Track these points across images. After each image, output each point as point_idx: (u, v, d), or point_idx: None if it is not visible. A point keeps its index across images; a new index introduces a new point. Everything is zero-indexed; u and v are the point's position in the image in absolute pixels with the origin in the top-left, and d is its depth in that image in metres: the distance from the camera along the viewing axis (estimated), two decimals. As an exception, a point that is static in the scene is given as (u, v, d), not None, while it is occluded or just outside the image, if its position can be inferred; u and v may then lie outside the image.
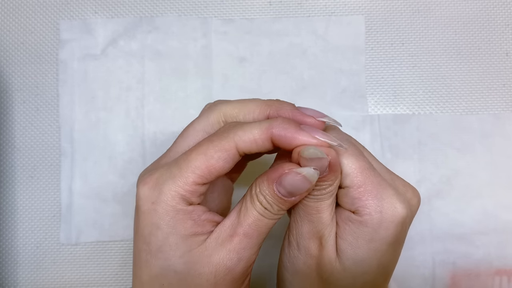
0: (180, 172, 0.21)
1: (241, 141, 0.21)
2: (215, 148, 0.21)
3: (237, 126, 0.22)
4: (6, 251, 0.36)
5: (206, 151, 0.21)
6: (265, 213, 0.22)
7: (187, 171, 0.21)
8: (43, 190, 0.36)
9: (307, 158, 0.20)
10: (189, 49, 0.37)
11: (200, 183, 0.21)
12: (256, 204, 0.22)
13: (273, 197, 0.21)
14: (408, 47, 0.37)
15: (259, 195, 0.21)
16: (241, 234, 0.21)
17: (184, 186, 0.21)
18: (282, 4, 0.37)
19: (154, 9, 0.37)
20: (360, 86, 0.37)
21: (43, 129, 0.37)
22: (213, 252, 0.21)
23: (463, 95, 0.37)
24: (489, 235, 0.35)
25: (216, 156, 0.21)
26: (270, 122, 0.21)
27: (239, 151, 0.21)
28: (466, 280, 0.35)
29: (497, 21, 0.37)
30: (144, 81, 0.37)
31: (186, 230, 0.21)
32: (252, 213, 0.22)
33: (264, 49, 0.37)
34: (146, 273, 0.22)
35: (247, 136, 0.21)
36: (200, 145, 0.22)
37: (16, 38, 0.37)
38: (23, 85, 0.37)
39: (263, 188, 0.21)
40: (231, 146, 0.21)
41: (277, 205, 0.21)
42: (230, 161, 0.22)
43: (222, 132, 0.22)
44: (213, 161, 0.21)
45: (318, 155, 0.20)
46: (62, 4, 0.37)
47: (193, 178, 0.21)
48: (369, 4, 0.38)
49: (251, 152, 0.22)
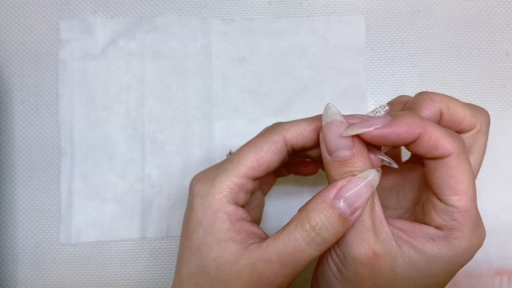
0: (231, 165, 0.22)
1: (289, 133, 0.22)
2: (264, 141, 0.22)
3: (285, 122, 0.23)
4: (6, 251, 0.36)
5: (256, 143, 0.22)
6: (313, 240, 0.20)
7: (238, 163, 0.22)
8: (43, 190, 0.36)
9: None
10: (189, 49, 0.37)
11: (250, 176, 0.22)
12: (305, 229, 0.20)
13: (332, 217, 0.20)
14: (408, 47, 0.37)
15: (312, 217, 0.20)
16: (276, 261, 0.20)
17: (234, 178, 0.22)
18: (282, 4, 0.37)
19: (154, 9, 0.37)
20: (360, 86, 0.37)
21: (43, 129, 0.37)
22: (244, 270, 0.21)
23: (463, 95, 0.37)
24: (489, 235, 0.35)
25: (266, 148, 0.22)
26: (315, 117, 0.22)
27: (286, 144, 0.22)
28: (466, 280, 0.35)
29: (497, 21, 0.37)
30: (144, 81, 0.37)
31: (222, 232, 0.21)
32: (296, 240, 0.20)
33: (264, 49, 0.37)
34: (185, 270, 0.22)
35: (294, 128, 0.22)
36: (251, 140, 0.23)
37: (16, 38, 0.37)
38: (23, 85, 0.37)
39: (319, 207, 0.20)
40: (279, 138, 0.22)
41: (335, 228, 0.20)
42: (278, 154, 0.22)
43: (271, 127, 0.23)
44: (262, 153, 0.22)
45: None
46: (62, 4, 0.37)
47: (244, 170, 0.22)
48: (369, 4, 0.38)
49: (298, 146, 0.22)
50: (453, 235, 0.21)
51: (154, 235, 0.36)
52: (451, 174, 0.20)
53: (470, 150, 0.23)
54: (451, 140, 0.20)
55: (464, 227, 0.21)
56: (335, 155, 0.20)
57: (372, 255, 0.21)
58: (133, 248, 0.36)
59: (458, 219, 0.20)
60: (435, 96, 0.22)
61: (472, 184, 0.21)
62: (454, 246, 0.21)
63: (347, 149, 0.20)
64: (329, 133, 0.20)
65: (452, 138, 0.20)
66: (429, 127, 0.20)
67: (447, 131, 0.20)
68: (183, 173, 0.36)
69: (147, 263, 0.36)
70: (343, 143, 0.20)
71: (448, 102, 0.22)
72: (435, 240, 0.21)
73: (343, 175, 0.20)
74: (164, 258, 0.36)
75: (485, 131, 0.23)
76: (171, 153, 0.36)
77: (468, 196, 0.20)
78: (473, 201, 0.21)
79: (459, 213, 0.20)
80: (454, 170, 0.20)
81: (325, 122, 0.21)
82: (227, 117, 0.37)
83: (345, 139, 0.20)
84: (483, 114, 0.23)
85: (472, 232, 0.21)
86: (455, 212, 0.20)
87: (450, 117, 0.22)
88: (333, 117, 0.20)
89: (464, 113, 0.22)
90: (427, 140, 0.20)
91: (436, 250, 0.21)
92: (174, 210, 0.36)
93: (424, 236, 0.21)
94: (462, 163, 0.20)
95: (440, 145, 0.20)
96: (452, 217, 0.21)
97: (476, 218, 0.21)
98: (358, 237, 0.21)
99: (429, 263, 0.21)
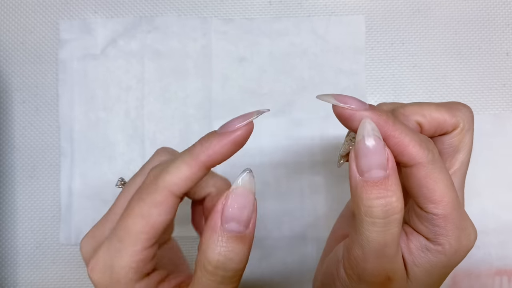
0: (123, 244, 0.20)
1: (174, 185, 0.19)
2: (149, 206, 0.19)
3: (163, 171, 0.20)
4: (6, 251, 0.36)
5: (141, 212, 0.20)
6: (224, 277, 0.18)
7: (130, 241, 0.20)
8: (42, 190, 0.36)
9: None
10: (189, 49, 0.37)
11: (149, 246, 0.20)
12: (210, 271, 0.18)
13: (229, 243, 0.18)
14: (408, 47, 0.37)
15: (210, 256, 0.18)
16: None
17: (134, 258, 0.20)
18: (282, 4, 0.37)
19: (154, 9, 0.37)
20: (360, 86, 0.37)
21: (42, 129, 0.37)
22: None
23: (463, 95, 0.37)
24: (489, 235, 0.35)
25: (155, 213, 0.19)
26: (191, 150, 0.20)
27: (176, 195, 0.20)
28: (466, 280, 0.35)
29: (497, 21, 0.37)
30: (144, 81, 0.37)
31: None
32: (209, 285, 0.19)
33: (264, 49, 0.37)
34: None
35: (177, 177, 0.19)
36: (132, 207, 0.20)
37: (16, 38, 0.37)
38: (22, 85, 0.37)
39: (212, 241, 0.18)
40: (165, 196, 0.19)
41: (238, 253, 0.18)
42: (171, 211, 0.20)
43: (149, 184, 0.20)
44: (153, 219, 0.19)
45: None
46: (62, 4, 0.37)
47: (141, 245, 0.20)
48: (369, 4, 0.38)
49: (190, 189, 0.20)
50: (439, 240, 0.20)
51: (154, 235, 0.36)
52: (421, 184, 0.19)
53: (457, 149, 0.23)
54: (419, 149, 0.19)
55: (448, 231, 0.20)
56: (367, 175, 0.19)
57: (386, 279, 0.20)
58: None
59: (439, 225, 0.20)
60: (407, 109, 0.21)
61: (447, 191, 0.20)
62: (444, 251, 0.20)
63: (381, 169, 0.18)
64: (365, 149, 0.18)
65: (420, 146, 0.19)
66: (399, 132, 0.19)
67: (417, 140, 0.19)
68: (183, 173, 0.36)
69: (147, 263, 0.36)
70: (378, 162, 0.18)
71: (422, 110, 0.21)
72: (429, 249, 0.21)
73: (376, 200, 0.18)
74: (164, 258, 0.36)
75: (468, 128, 0.23)
76: (171, 153, 0.36)
77: (445, 203, 0.20)
78: (451, 206, 0.20)
79: (439, 219, 0.20)
80: (424, 180, 0.19)
81: (361, 137, 0.19)
82: (227, 117, 0.36)
83: (380, 159, 0.18)
84: (463, 112, 0.22)
85: (458, 235, 0.20)
86: (435, 219, 0.20)
87: (429, 125, 0.21)
88: (371, 133, 0.19)
89: (443, 116, 0.22)
90: (393, 145, 0.19)
91: (432, 259, 0.21)
92: (174, 210, 0.36)
93: (418, 249, 0.21)
94: (432, 173, 0.19)
95: (406, 153, 0.19)
96: (433, 223, 0.20)
97: (460, 221, 0.20)
98: (378, 265, 0.20)
99: (429, 272, 0.21)
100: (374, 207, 0.18)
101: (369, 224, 0.19)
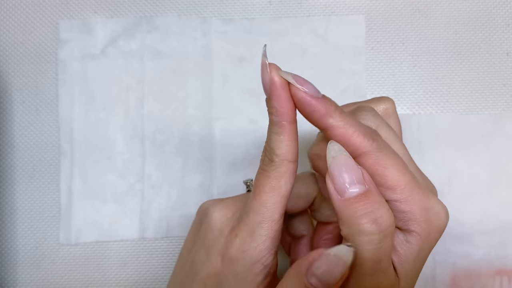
0: (263, 217, 0.21)
1: (286, 153, 0.21)
2: (276, 179, 0.21)
3: (271, 148, 0.21)
4: (6, 251, 0.36)
5: (271, 186, 0.21)
6: None
7: (268, 213, 0.21)
8: (42, 190, 0.36)
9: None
10: (189, 49, 0.37)
11: (282, 216, 0.21)
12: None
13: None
14: (408, 47, 0.37)
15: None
16: None
17: (273, 227, 0.21)
18: (282, 4, 0.37)
19: (154, 8, 0.37)
20: (360, 86, 0.37)
21: (42, 129, 0.37)
22: None
23: (464, 95, 0.37)
24: (489, 235, 0.35)
25: (282, 183, 0.21)
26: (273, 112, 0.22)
27: (291, 161, 0.21)
28: (466, 280, 0.35)
29: (497, 21, 0.37)
30: (144, 81, 0.37)
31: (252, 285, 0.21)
32: None
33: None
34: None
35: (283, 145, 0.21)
36: (262, 185, 0.21)
37: (16, 38, 0.37)
38: (22, 85, 0.37)
39: (291, 284, 0.19)
40: (286, 166, 0.21)
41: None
42: (292, 176, 0.21)
43: (268, 162, 0.22)
44: (283, 189, 0.21)
45: None
46: (62, 4, 0.37)
47: (278, 214, 0.21)
48: (369, 4, 0.38)
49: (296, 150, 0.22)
50: (410, 227, 0.20)
51: (153, 235, 0.36)
52: (372, 173, 0.20)
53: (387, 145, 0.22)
54: (363, 139, 0.19)
55: (415, 214, 0.20)
56: (347, 194, 0.19)
57: None
58: (132, 248, 0.36)
59: (403, 210, 0.20)
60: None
61: (400, 174, 0.20)
62: (419, 235, 0.20)
63: (360, 184, 0.19)
64: (338, 169, 0.19)
65: (364, 136, 0.20)
66: (344, 123, 0.20)
67: (361, 130, 0.20)
68: (183, 173, 0.36)
69: (146, 263, 0.36)
70: (354, 177, 0.19)
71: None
72: (408, 240, 0.20)
73: (366, 215, 0.18)
74: (164, 258, 0.36)
75: (379, 125, 0.22)
76: (171, 153, 0.36)
77: (402, 186, 0.20)
78: (409, 188, 0.20)
79: (401, 204, 0.20)
80: (374, 168, 0.20)
81: (331, 159, 0.19)
82: (227, 117, 0.37)
83: (355, 174, 0.19)
84: (367, 118, 0.22)
85: (427, 215, 0.20)
86: (397, 205, 0.20)
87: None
88: (340, 153, 0.19)
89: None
90: (338, 135, 0.20)
91: (414, 248, 0.20)
92: (174, 210, 0.36)
93: (400, 244, 0.21)
94: (380, 160, 0.20)
95: (351, 143, 0.20)
96: (398, 210, 0.20)
97: (424, 201, 0.20)
98: (373, 282, 0.20)
99: (414, 263, 0.21)
100: (366, 223, 0.18)
101: (366, 243, 0.18)
